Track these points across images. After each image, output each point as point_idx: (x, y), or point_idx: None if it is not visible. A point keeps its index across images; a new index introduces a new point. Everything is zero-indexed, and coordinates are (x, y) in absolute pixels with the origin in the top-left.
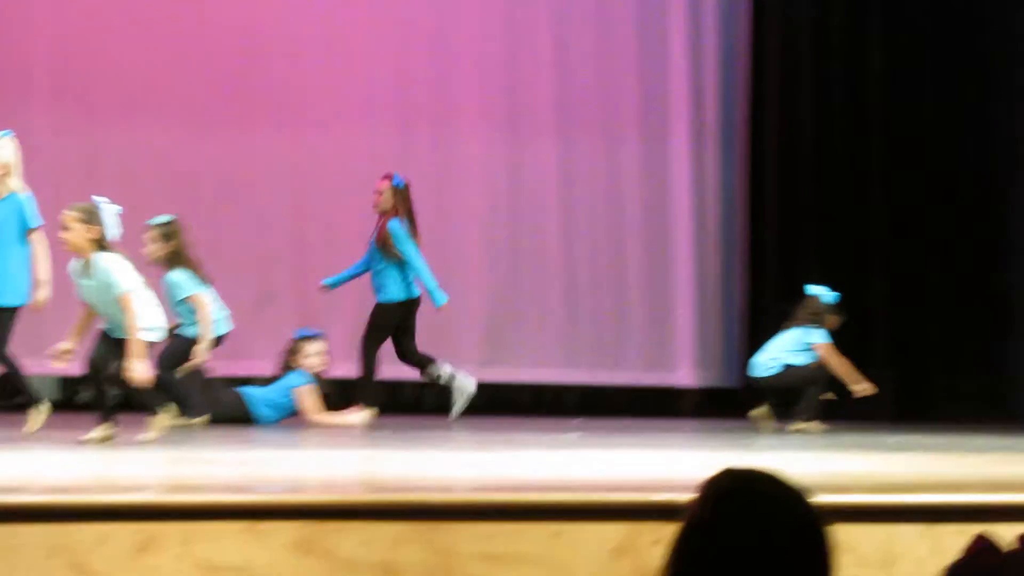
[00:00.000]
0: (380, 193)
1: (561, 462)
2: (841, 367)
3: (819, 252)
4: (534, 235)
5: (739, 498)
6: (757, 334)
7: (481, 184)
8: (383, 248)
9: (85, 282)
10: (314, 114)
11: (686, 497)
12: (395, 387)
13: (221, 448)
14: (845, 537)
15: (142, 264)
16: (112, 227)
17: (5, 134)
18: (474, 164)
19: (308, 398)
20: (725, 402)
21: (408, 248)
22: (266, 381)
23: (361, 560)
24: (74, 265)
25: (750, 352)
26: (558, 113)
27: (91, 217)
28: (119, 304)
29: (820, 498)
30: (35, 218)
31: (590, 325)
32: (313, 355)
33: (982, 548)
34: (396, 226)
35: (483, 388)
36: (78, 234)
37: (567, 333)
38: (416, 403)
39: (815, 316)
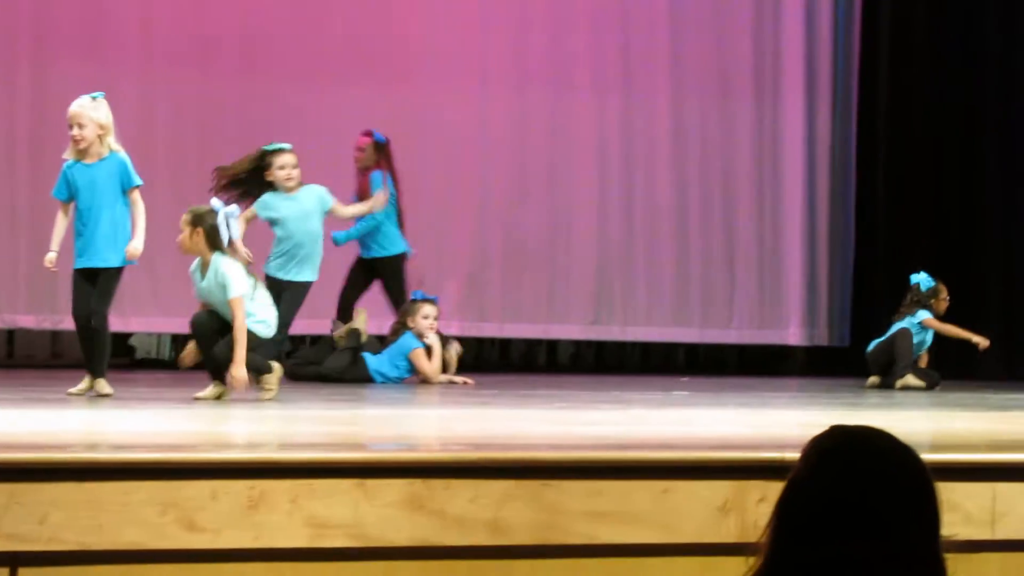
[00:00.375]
0: (362, 150)
1: (669, 420)
2: (954, 331)
3: (929, 212)
4: (646, 193)
5: (846, 456)
6: (866, 293)
7: (594, 141)
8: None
9: (202, 283)
10: (428, 72)
11: (793, 455)
12: (505, 345)
13: (332, 406)
14: (950, 495)
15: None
16: (226, 229)
17: (98, 95)
18: (587, 122)
19: (423, 359)
20: (833, 361)
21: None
22: (379, 341)
23: (470, 517)
24: (194, 265)
25: (858, 311)
26: (672, 70)
27: (199, 220)
28: (229, 306)
29: (926, 456)
30: (135, 177)
31: (700, 283)
32: (428, 317)
33: None
34: (377, 179)
35: (591, 346)
36: (187, 236)
37: (677, 291)
38: (526, 361)
39: (917, 304)
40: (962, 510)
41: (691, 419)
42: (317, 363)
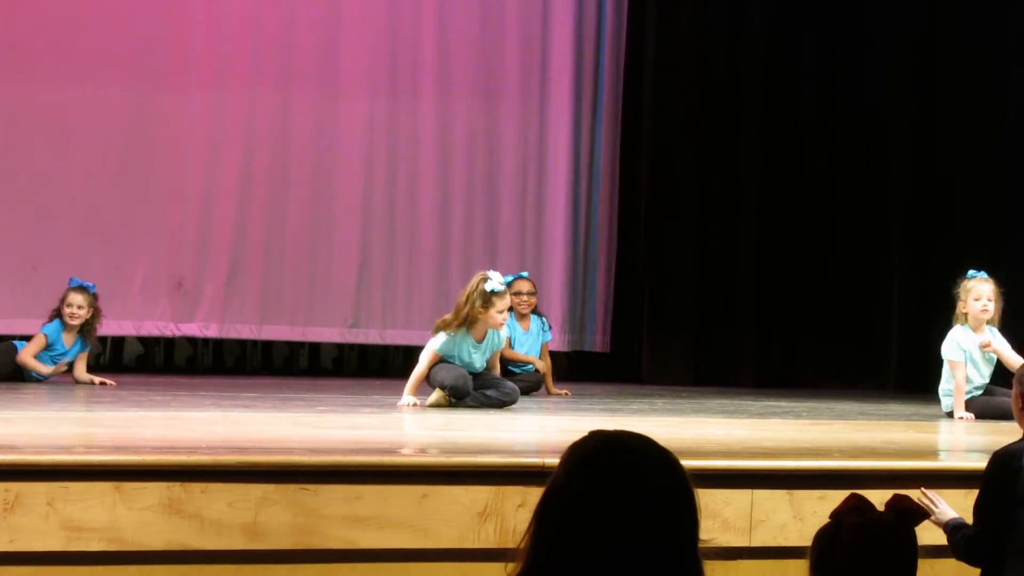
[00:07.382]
0: None
1: (429, 425)
2: (514, 355)
3: (691, 219)
4: (408, 197)
5: (603, 461)
6: (627, 300)
7: (358, 143)
8: None
9: None
10: (192, 70)
11: (553, 460)
12: (267, 347)
13: (88, 408)
14: (709, 502)
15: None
16: None
17: None
18: (352, 123)
19: (24, 349)
20: (595, 367)
21: None
22: None
23: (227, 521)
24: None
25: (620, 318)
26: (438, 73)
27: None
28: None
29: (686, 462)
30: None
31: (460, 288)
32: (72, 306)
33: (855, 507)
34: None
35: (355, 349)
36: None
37: (438, 296)
38: (287, 365)
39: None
40: (721, 516)
41: (451, 424)
42: None
